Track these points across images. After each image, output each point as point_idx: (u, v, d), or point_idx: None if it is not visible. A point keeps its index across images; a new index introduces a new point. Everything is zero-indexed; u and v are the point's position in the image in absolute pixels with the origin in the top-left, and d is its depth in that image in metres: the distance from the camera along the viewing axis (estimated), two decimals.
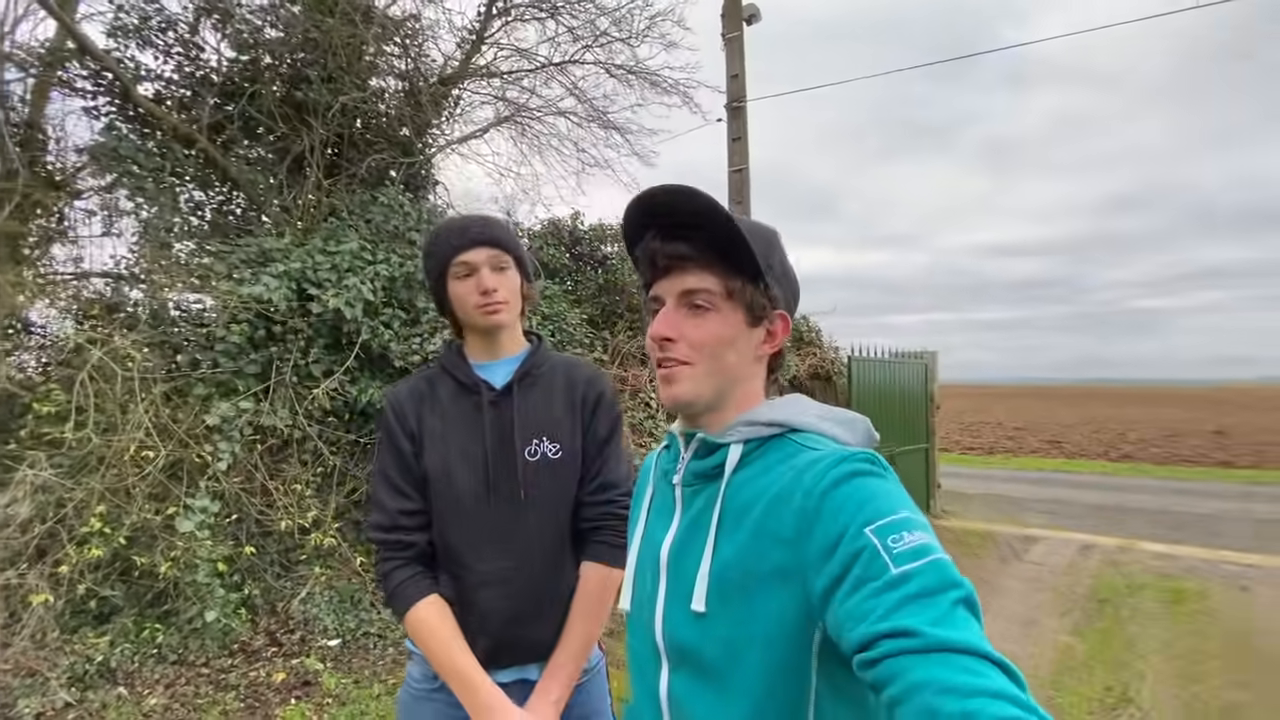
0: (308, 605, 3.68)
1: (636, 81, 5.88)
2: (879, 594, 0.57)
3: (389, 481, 1.31)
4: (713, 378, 0.79)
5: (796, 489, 0.69)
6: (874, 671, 0.55)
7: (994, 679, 0.51)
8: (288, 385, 3.71)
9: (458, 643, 1.23)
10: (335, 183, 4.64)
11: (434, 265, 1.34)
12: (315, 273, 3.86)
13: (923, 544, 0.59)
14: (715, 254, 0.77)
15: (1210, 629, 4.43)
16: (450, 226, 1.35)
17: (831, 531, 0.63)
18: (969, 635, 0.53)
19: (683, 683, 0.77)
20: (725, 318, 0.78)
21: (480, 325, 1.32)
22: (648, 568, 0.85)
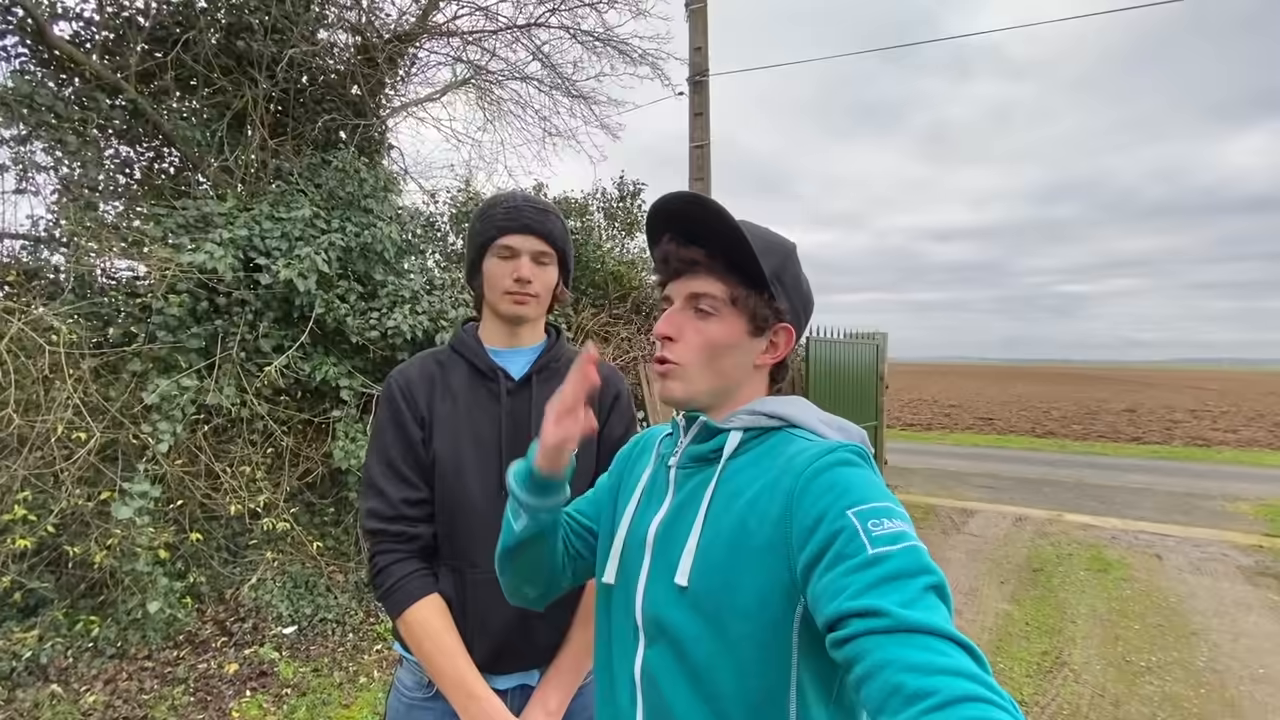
0: (259, 592, 3.52)
1: (604, 49, 5.68)
2: (854, 572, 0.59)
3: (392, 467, 1.22)
4: (707, 380, 0.82)
5: (786, 473, 0.72)
6: (843, 650, 0.58)
7: (957, 658, 0.53)
8: (234, 361, 3.47)
9: (458, 648, 1.16)
10: (281, 143, 4.32)
11: (476, 235, 1.28)
12: (263, 241, 3.60)
13: (901, 531, 0.62)
14: (725, 262, 0.80)
15: (1130, 594, 4.80)
16: (508, 202, 1.27)
17: (815, 511, 0.66)
18: (935, 618, 0.55)
19: (659, 657, 0.77)
20: (727, 324, 0.81)
21: (504, 312, 1.27)
22: (634, 546, 0.85)
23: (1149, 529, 6.69)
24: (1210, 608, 4.53)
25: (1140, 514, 7.39)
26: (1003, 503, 7.89)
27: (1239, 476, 9.93)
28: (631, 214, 6.93)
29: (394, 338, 3.88)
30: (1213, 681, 3.48)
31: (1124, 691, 3.39)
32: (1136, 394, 32.29)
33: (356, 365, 3.97)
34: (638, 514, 0.89)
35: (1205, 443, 14.25)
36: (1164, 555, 5.76)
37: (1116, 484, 9.25)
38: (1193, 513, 7.50)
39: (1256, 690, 3.39)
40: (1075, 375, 68.27)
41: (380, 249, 3.99)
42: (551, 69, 5.63)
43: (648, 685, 0.79)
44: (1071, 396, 30.15)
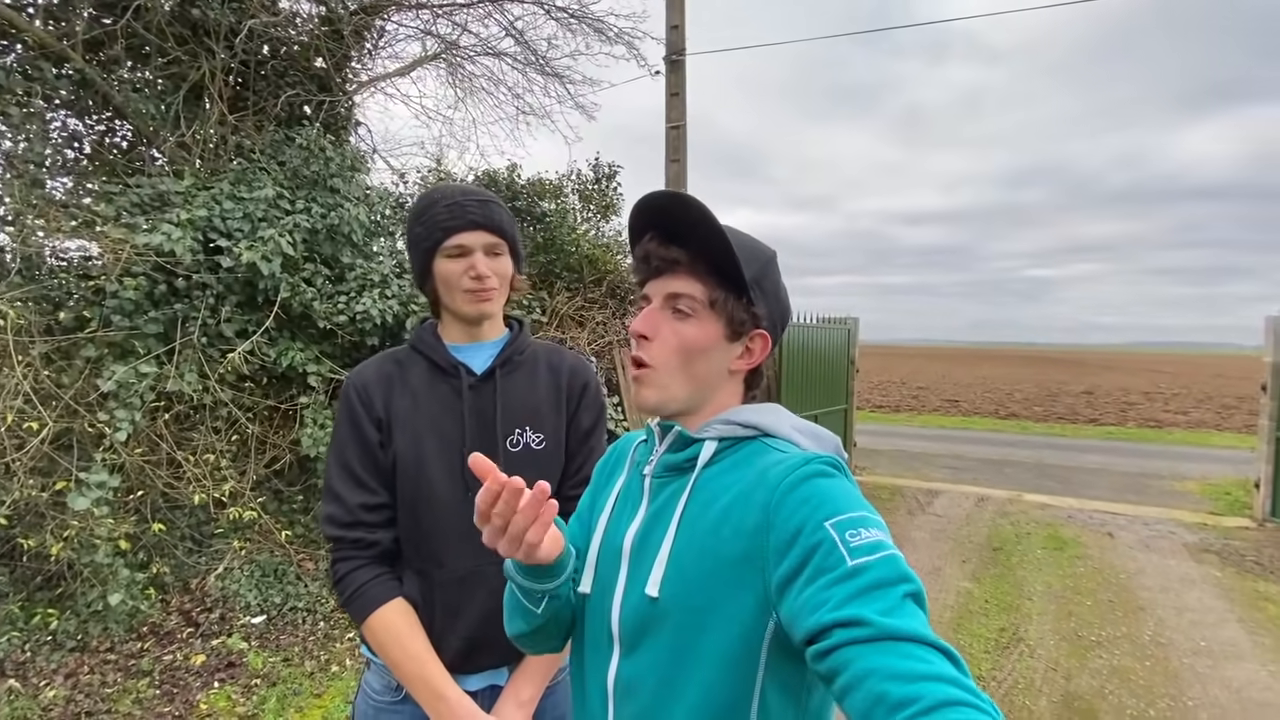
0: (226, 582, 3.46)
1: (579, 26, 5.56)
2: (834, 585, 0.60)
3: (349, 472, 1.20)
4: (681, 385, 0.81)
5: (761, 485, 0.72)
6: (826, 662, 0.58)
7: (939, 664, 0.54)
8: (196, 347, 3.36)
9: (426, 651, 1.16)
10: (242, 118, 4.15)
11: (420, 240, 1.23)
12: (224, 221, 3.47)
13: (878, 540, 0.62)
14: (706, 264, 0.79)
15: (1083, 571, 5.01)
16: (446, 200, 1.22)
17: (792, 524, 0.66)
18: (915, 624, 0.56)
19: (632, 668, 0.78)
20: (703, 326, 0.80)
21: (466, 313, 1.24)
22: (610, 555, 0.85)
23: (1103, 508, 6.96)
24: (1157, 584, 4.75)
25: (1095, 494, 7.69)
26: (966, 483, 8.13)
27: (1187, 457, 10.38)
28: (607, 196, 6.85)
29: (363, 322, 3.80)
30: (1157, 654, 3.67)
31: (1075, 665, 3.55)
32: (1095, 376, 33.41)
33: (324, 350, 3.88)
34: (612, 523, 0.88)
35: (1158, 424, 14.85)
36: (1116, 533, 6.01)
37: (1074, 464, 9.59)
38: (1144, 492, 7.83)
39: (1197, 662, 3.58)
40: (1038, 358, 70.31)
41: (348, 231, 3.89)
42: (525, 45, 5.50)
43: (620, 694, 0.79)
44: (1034, 379, 31.06)
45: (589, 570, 0.87)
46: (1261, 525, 6.28)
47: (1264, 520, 6.35)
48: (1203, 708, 3.14)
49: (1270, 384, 6.32)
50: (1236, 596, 4.53)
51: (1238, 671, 3.48)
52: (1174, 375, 35.86)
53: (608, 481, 0.96)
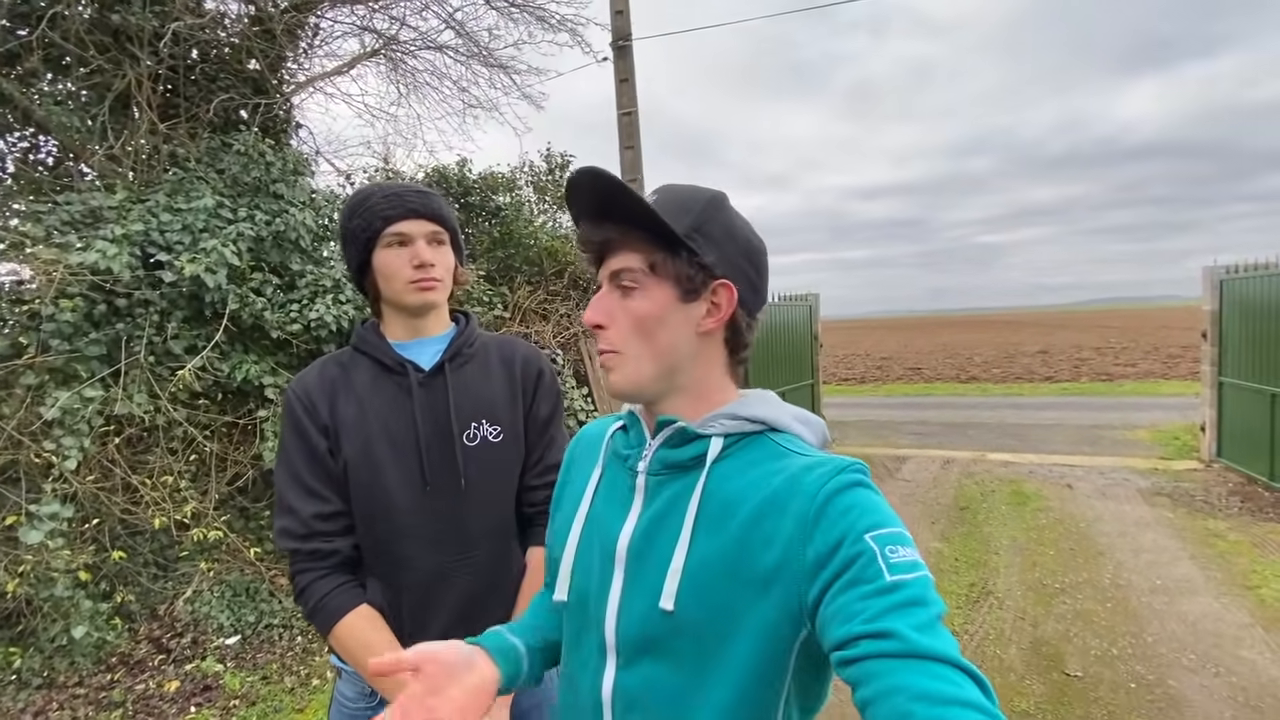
0: (196, 605, 3.37)
1: (520, 15, 5.47)
2: (870, 598, 0.59)
3: (299, 482, 1.17)
4: (649, 362, 0.76)
5: (794, 494, 0.68)
6: (851, 670, 0.57)
7: (968, 690, 0.53)
8: (143, 367, 3.24)
9: (393, 650, 1.16)
10: (174, 126, 3.99)
11: (359, 232, 1.18)
12: (163, 235, 3.34)
13: (915, 560, 0.62)
14: (639, 232, 0.74)
15: (1045, 522, 5.22)
16: (382, 191, 1.19)
17: (832, 536, 0.64)
18: (947, 646, 0.55)
19: (636, 680, 0.74)
20: (651, 294, 0.75)
21: (410, 303, 1.20)
22: (594, 557, 0.80)
23: (1061, 461, 7.26)
24: (1115, 529, 4.98)
25: (1053, 448, 8.00)
26: (931, 447, 8.37)
27: (1138, 407, 10.86)
28: (561, 187, 6.79)
29: (318, 330, 3.71)
30: (1117, 596, 3.85)
31: (1041, 613, 3.71)
32: (1049, 336, 34.58)
33: (280, 361, 3.78)
34: (592, 522, 0.83)
35: (1109, 378, 15.48)
36: (1074, 484, 6.27)
37: (1032, 422, 9.95)
38: (1099, 443, 8.18)
39: (1154, 600, 3.77)
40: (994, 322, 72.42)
41: (295, 237, 3.78)
42: (466, 37, 5.39)
43: (620, 708, 0.75)
44: (992, 342, 32.01)
45: (564, 577, 0.83)
46: (1208, 466, 6.62)
47: (1210, 461, 6.69)
48: (1161, 642, 3.31)
49: (1210, 332, 6.64)
50: (1188, 535, 4.78)
51: (1192, 605, 3.68)
52: (1121, 330, 37.37)
53: (579, 473, 0.90)
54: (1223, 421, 6.57)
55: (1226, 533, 4.78)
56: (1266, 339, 5.73)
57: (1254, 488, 5.77)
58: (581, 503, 0.85)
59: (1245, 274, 6.15)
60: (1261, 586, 3.86)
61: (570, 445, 0.98)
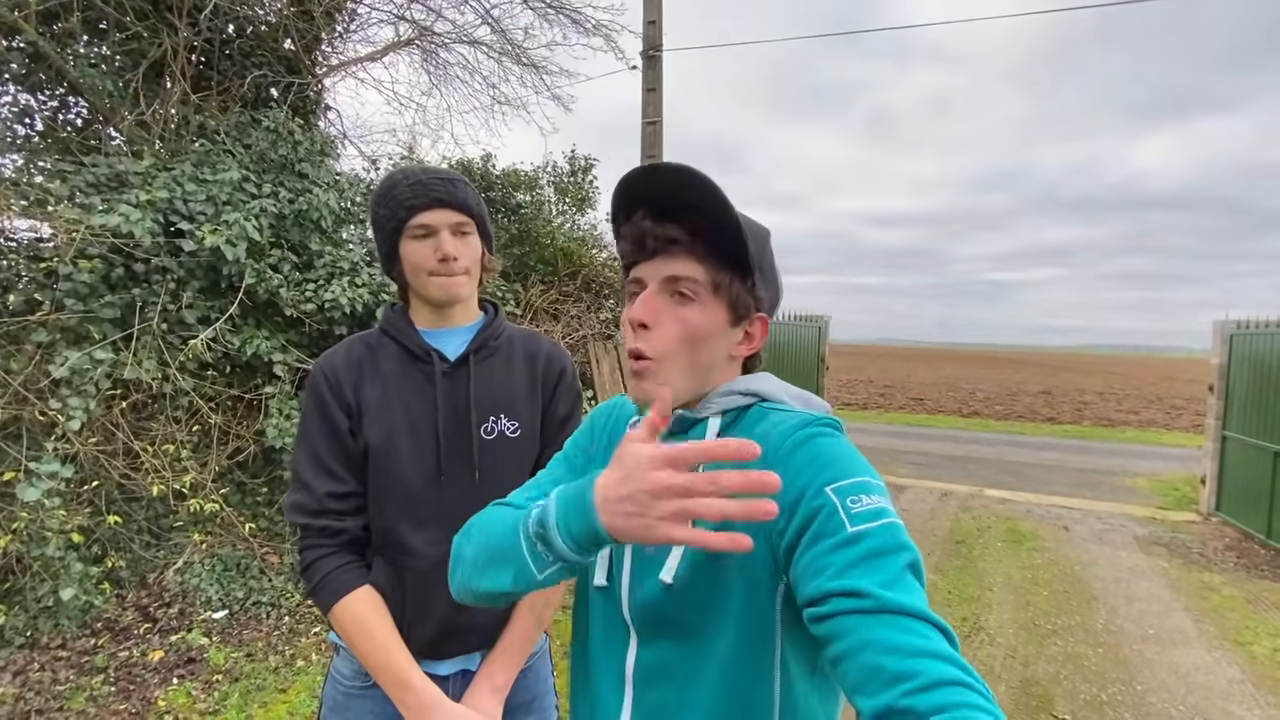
0: (186, 576, 3.36)
1: (556, 17, 5.51)
2: (834, 550, 0.59)
3: (317, 460, 1.17)
4: (685, 375, 0.76)
5: (763, 450, 0.68)
6: (823, 626, 0.58)
7: (935, 641, 0.54)
8: (155, 333, 3.24)
9: (392, 639, 1.14)
10: (205, 98, 4.01)
11: (385, 221, 1.19)
12: (186, 204, 3.35)
13: (879, 507, 0.62)
14: (707, 243, 0.74)
15: (1040, 563, 5.19)
16: (408, 180, 1.18)
17: (794, 488, 0.65)
18: (914, 599, 0.56)
19: (653, 654, 0.76)
20: (708, 311, 0.75)
21: (434, 296, 1.20)
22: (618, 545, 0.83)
23: (1059, 503, 7.22)
24: (1109, 575, 4.94)
25: (1052, 489, 7.96)
26: (930, 479, 8.34)
27: (1139, 454, 10.82)
28: (583, 189, 6.81)
29: (331, 311, 3.71)
30: (1109, 642, 3.82)
31: (1032, 653, 3.67)
32: (1052, 377, 34.51)
33: (291, 339, 3.78)
34: None
35: (1111, 423, 15.43)
36: (1071, 527, 6.24)
37: (1032, 461, 9.91)
38: (1098, 488, 8.14)
39: (1145, 649, 3.74)
40: (999, 358, 72.34)
41: (317, 217, 3.79)
42: (501, 34, 5.43)
43: (640, 681, 0.77)
44: (995, 379, 31.95)
45: (601, 560, 0.84)
46: (1206, 519, 6.58)
47: (1209, 514, 6.65)
48: (1151, 691, 3.28)
49: (1217, 385, 6.62)
50: (1183, 586, 4.74)
51: (1184, 657, 3.65)
52: (1125, 376, 37.30)
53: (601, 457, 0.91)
54: (1223, 475, 6.54)
55: (1221, 587, 4.74)
56: (1273, 396, 5.71)
57: (1250, 544, 5.73)
58: None
59: (1256, 330, 6.14)
60: (1253, 643, 3.82)
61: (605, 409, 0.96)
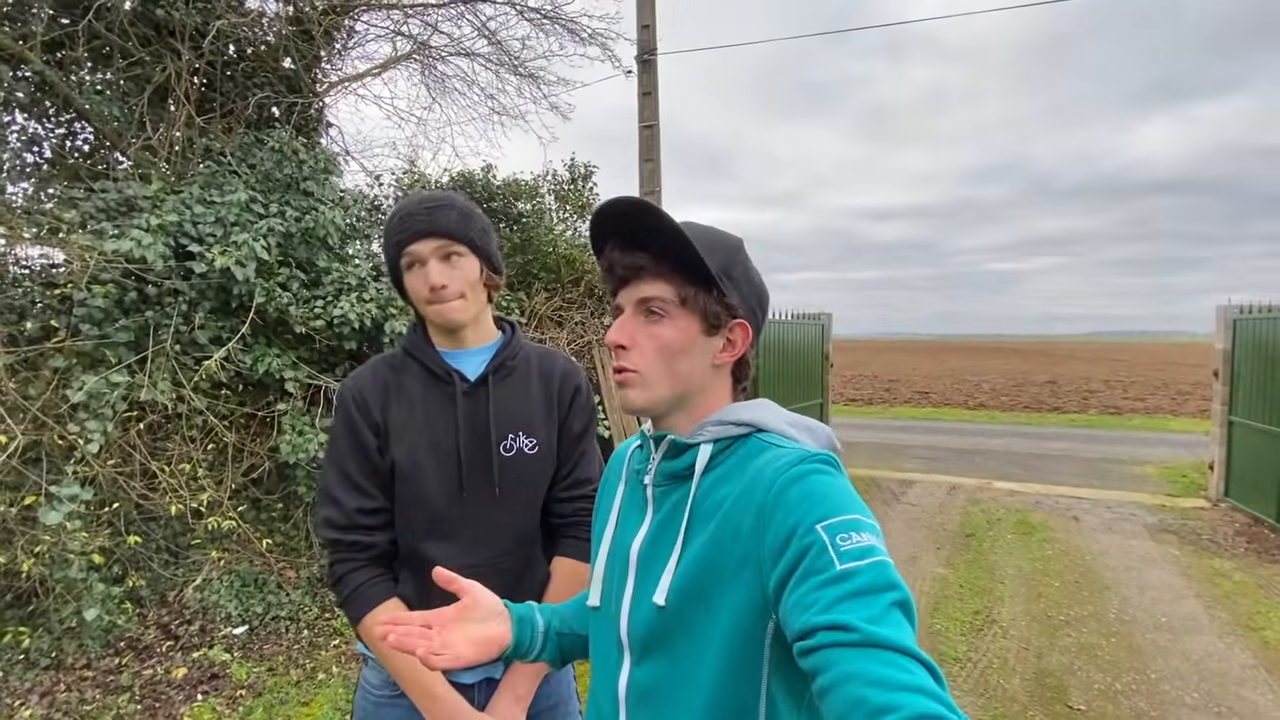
0: (205, 593, 3.40)
1: (551, 27, 5.56)
2: (822, 587, 0.60)
3: (347, 477, 1.23)
4: (666, 385, 0.81)
5: (756, 486, 0.72)
6: (810, 660, 0.59)
7: (920, 677, 0.54)
8: (168, 355, 3.30)
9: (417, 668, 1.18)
10: (210, 120, 4.07)
11: (389, 253, 1.26)
12: (196, 226, 3.40)
13: (869, 545, 0.62)
14: (671, 263, 0.79)
15: (1051, 554, 5.20)
16: (400, 213, 1.23)
17: (785, 526, 0.66)
18: (901, 635, 0.57)
19: (644, 676, 0.79)
20: (679, 325, 0.80)
21: (435, 322, 1.25)
22: (616, 565, 0.86)
23: (1068, 493, 7.22)
24: (1120, 564, 4.96)
25: (1060, 479, 7.96)
26: (938, 473, 8.35)
27: (1146, 442, 10.80)
28: (583, 196, 6.86)
29: (340, 326, 3.76)
30: (1121, 631, 3.84)
31: (1046, 644, 3.69)
32: (1058, 366, 34.41)
33: (301, 356, 3.83)
34: (617, 534, 0.89)
35: (1117, 411, 15.39)
36: (1081, 517, 6.25)
37: (1040, 452, 9.91)
38: (1106, 477, 8.14)
39: (1159, 637, 3.76)
40: (1003, 349, 72.09)
41: (323, 234, 3.84)
42: (498, 46, 5.48)
43: (633, 702, 0.80)
44: (1000, 370, 31.88)
45: (596, 584, 0.88)
46: (1216, 505, 6.58)
47: (1218, 500, 6.65)
48: (1165, 679, 3.29)
49: (1222, 370, 6.62)
50: (1194, 574, 4.75)
51: (1196, 644, 3.66)
52: (1130, 363, 37.15)
53: (608, 491, 0.96)
54: (1231, 461, 6.54)
55: (1232, 573, 4.75)
56: (1278, 380, 5.71)
57: (1260, 529, 5.73)
58: (610, 517, 0.91)
59: (1259, 315, 6.14)
60: (1266, 629, 3.83)
61: (612, 458, 1.04)
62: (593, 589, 0.89)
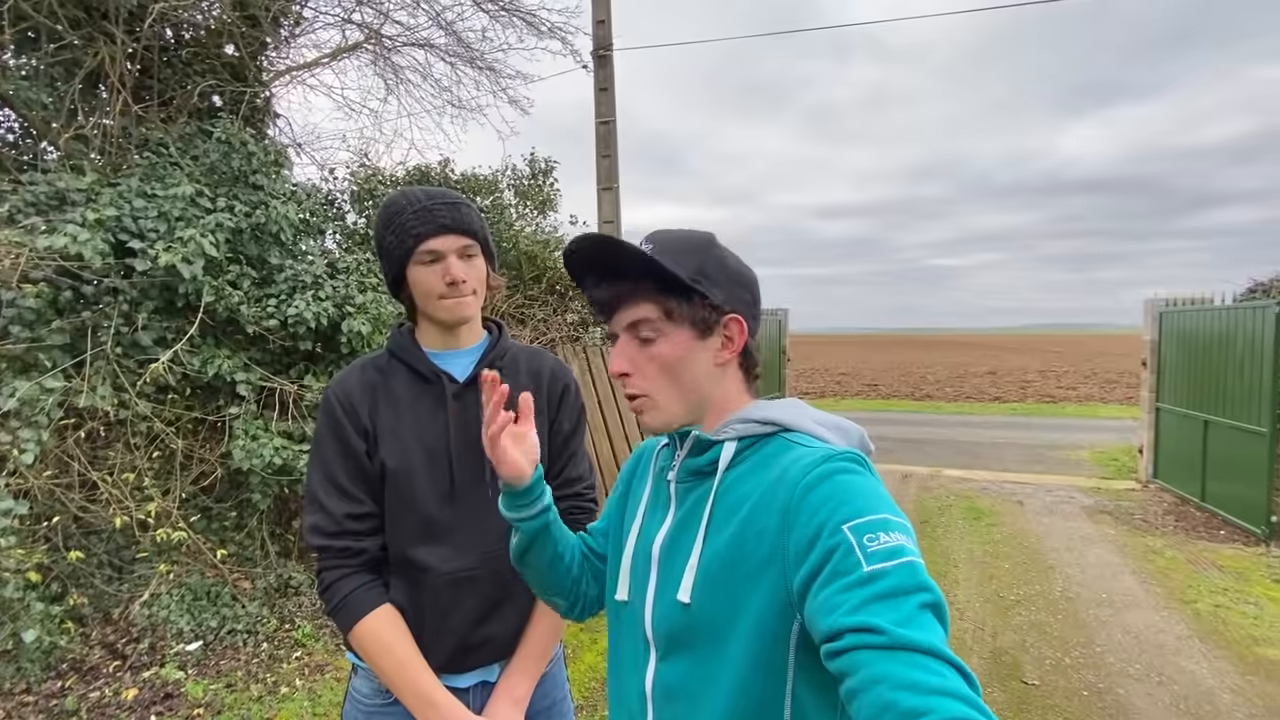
0: (154, 609, 3.22)
1: (509, 19, 5.46)
2: (849, 589, 0.59)
3: (334, 482, 1.19)
4: (677, 400, 0.83)
5: (781, 485, 0.71)
6: (838, 662, 0.58)
7: (950, 680, 0.53)
8: (109, 358, 3.10)
9: (414, 657, 1.16)
10: (147, 109, 3.84)
11: (393, 248, 1.21)
12: (137, 221, 3.21)
13: (898, 545, 0.61)
14: (651, 283, 0.81)
15: (999, 537, 5.45)
16: (414, 206, 1.19)
17: (811, 526, 0.65)
18: (930, 637, 0.56)
19: (670, 672, 0.79)
20: (672, 339, 0.81)
21: (444, 319, 1.23)
22: (642, 561, 0.86)
23: (1012, 479, 7.58)
24: (1062, 544, 5.24)
25: (1004, 465, 8.36)
26: (890, 462, 8.63)
27: (1079, 428, 11.44)
28: (544, 192, 6.78)
29: (295, 326, 3.61)
30: (1067, 608, 4.06)
31: (1000, 624, 3.87)
32: (996, 358, 36.03)
33: (254, 357, 3.66)
34: (643, 529, 0.89)
35: (1052, 399, 16.24)
36: (1024, 501, 6.57)
37: (984, 440, 10.36)
38: (1045, 462, 8.58)
39: (1101, 613, 3.99)
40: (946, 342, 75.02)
41: (276, 230, 3.68)
42: (454, 36, 5.35)
43: (659, 698, 0.80)
44: (944, 362, 33.16)
45: (624, 578, 0.88)
46: (1145, 486, 7.03)
47: (1148, 482, 7.10)
48: (1110, 652, 3.50)
49: (1149, 360, 7.06)
50: (1129, 551, 5.06)
51: (1136, 618, 3.91)
52: (1062, 354, 39.24)
53: (635, 489, 0.97)
54: (1159, 445, 6.99)
55: (1164, 549, 5.08)
56: (1200, 369, 6.13)
57: (1187, 508, 6.15)
58: (638, 514, 0.91)
59: (1183, 307, 6.58)
60: (1197, 601, 4.12)
61: (630, 459, 1.05)
62: (620, 583, 0.88)
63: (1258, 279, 6.84)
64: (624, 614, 0.88)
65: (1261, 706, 2.96)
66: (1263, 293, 6.42)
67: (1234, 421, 5.51)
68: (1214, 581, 4.41)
